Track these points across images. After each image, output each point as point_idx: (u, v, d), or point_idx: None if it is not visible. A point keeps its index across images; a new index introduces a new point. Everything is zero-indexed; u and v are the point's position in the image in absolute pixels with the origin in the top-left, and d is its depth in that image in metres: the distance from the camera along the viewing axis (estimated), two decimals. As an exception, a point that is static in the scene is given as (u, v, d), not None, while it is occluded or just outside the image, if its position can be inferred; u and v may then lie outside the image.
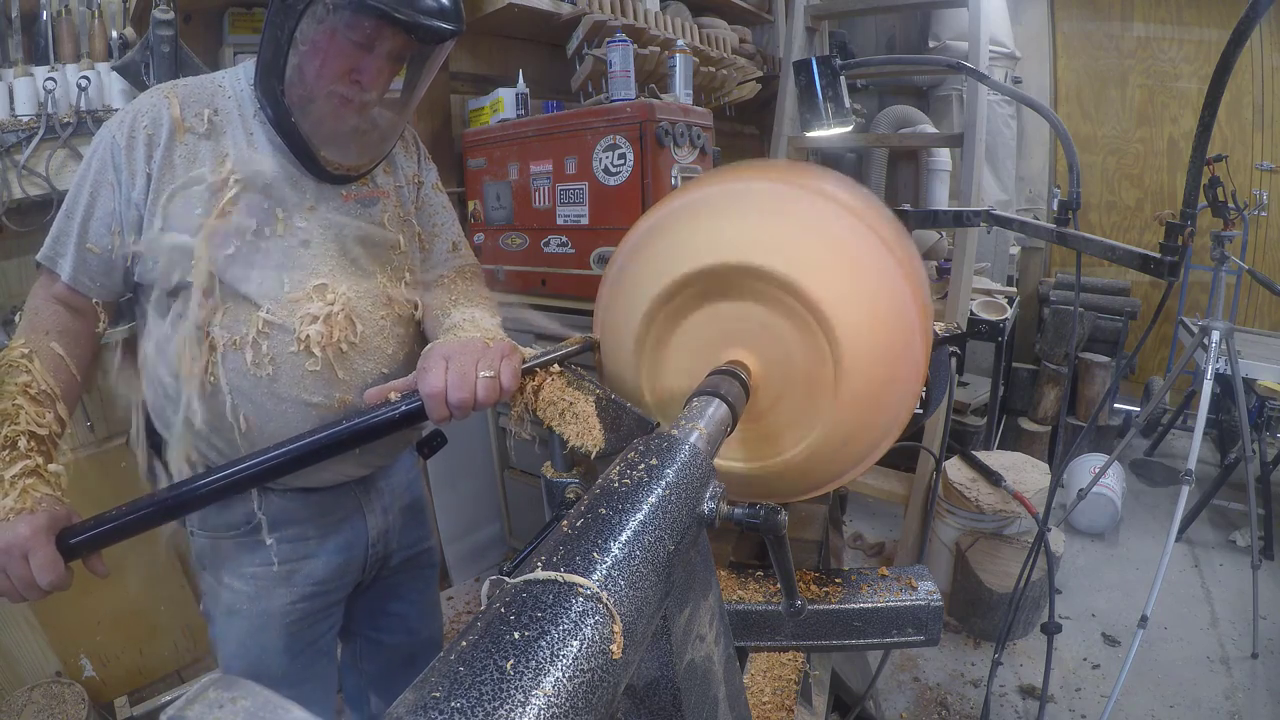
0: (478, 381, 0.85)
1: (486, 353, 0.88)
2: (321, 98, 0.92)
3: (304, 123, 0.93)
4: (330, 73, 0.90)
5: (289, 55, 0.89)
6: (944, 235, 3.28)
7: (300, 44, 0.88)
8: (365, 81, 0.92)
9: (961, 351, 1.16)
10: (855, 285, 0.76)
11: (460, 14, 0.92)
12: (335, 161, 0.98)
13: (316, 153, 0.96)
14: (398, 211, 1.10)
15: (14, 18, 1.59)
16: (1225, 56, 0.75)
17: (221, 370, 0.94)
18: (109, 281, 0.96)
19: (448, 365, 0.86)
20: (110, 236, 0.93)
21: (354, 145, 0.99)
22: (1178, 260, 0.90)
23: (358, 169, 1.02)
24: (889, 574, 0.97)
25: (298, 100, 0.92)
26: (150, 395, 1.02)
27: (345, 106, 0.93)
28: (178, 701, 0.34)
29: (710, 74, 2.74)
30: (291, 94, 0.92)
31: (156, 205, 0.92)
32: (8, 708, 1.61)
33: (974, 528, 2.40)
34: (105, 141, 0.92)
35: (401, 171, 1.12)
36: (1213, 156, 2.39)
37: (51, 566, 0.78)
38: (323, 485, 1.07)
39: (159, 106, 0.93)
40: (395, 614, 1.27)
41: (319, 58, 0.89)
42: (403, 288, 1.08)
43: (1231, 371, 2.24)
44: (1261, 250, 3.85)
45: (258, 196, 0.94)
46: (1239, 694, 2.01)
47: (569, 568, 0.42)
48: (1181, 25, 3.88)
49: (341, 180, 1.01)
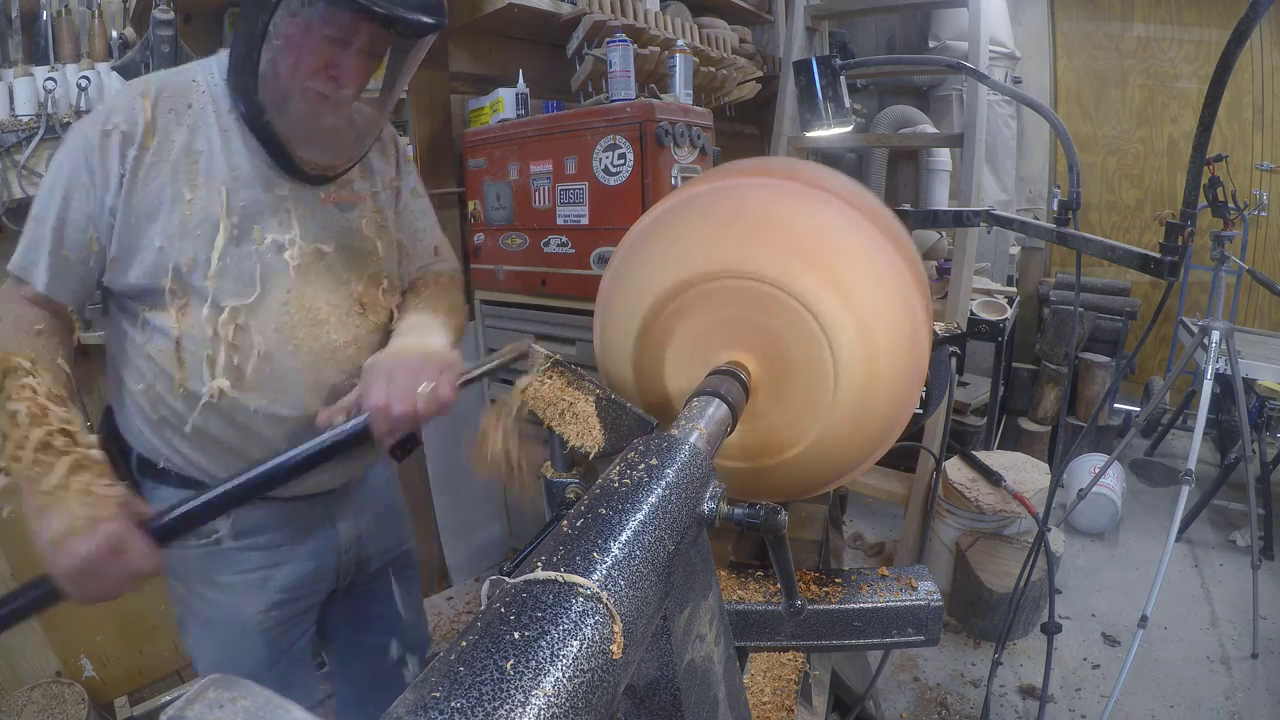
0: (418, 397, 0.87)
1: (426, 366, 0.89)
2: (297, 95, 0.88)
3: (279, 121, 0.90)
4: (306, 69, 0.87)
5: (262, 50, 0.85)
6: (944, 235, 3.28)
7: (274, 39, 0.85)
8: (343, 78, 0.88)
9: (961, 351, 1.17)
10: (856, 285, 0.76)
11: (442, 7, 0.89)
12: (311, 160, 0.95)
13: (292, 152, 0.93)
14: (375, 218, 1.07)
15: (14, 18, 1.60)
16: (1225, 56, 0.75)
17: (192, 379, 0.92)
18: (84, 289, 0.93)
19: (389, 381, 0.87)
20: (86, 241, 0.89)
21: (331, 144, 0.95)
22: (1178, 260, 0.90)
23: (334, 168, 0.99)
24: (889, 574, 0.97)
25: (272, 98, 0.88)
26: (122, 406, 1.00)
27: (322, 104, 0.90)
28: (178, 701, 0.34)
29: (710, 74, 2.74)
30: (266, 91, 0.88)
31: (129, 207, 0.88)
32: (8, 708, 1.61)
33: (974, 528, 2.40)
34: (77, 142, 0.88)
35: (379, 176, 1.09)
36: (1213, 156, 2.39)
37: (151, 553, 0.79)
38: (293, 495, 1.04)
39: (133, 104, 0.89)
40: (379, 615, 1.26)
41: (294, 54, 0.86)
42: (379, 295, 1.06)
43: (1231, 371, 2.24)
44: (1261, 250, 3.85)
45: (233, 199, 0.91)
46: (1239, 694, 2.01)
47: (569, 568, 0.42)
48: (1181, 25, 3.88)
49: (318, 180, 0.99)
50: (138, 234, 0.89)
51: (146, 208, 0.89)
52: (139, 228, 0.89)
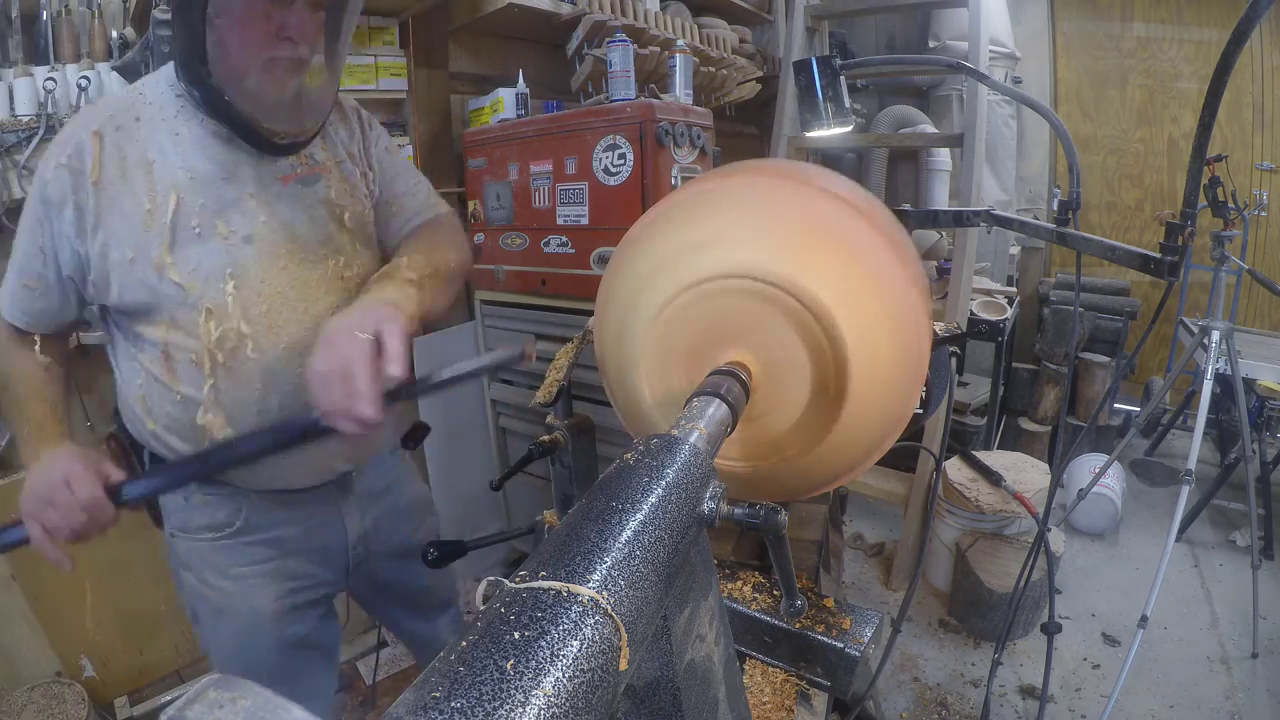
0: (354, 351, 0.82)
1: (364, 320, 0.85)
2: (256, 66, 0.87)
3: (240, 98, 0.89)
4: (257, 37, 0.86)
5: (206, 34, 0.85)
6: (944, 235, 3.27)
7: (215, 19, 0.84)
8: (296, 35, 0.87)
9: (961, 351, 1.16)
10: (858, 286, 0.76)
11: None
12: (281, 130, 0.95)
13: (259, 125, 0.92)
14: (343, 185, 1.06)
15: (14, 18, 1.60)
16: (1225, 56, 0.75)
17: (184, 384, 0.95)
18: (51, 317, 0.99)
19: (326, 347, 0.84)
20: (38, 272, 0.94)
21: (297, 108, 0.94)
22: (1178, 260, 0.90)
23: (305, 132, 0.99)
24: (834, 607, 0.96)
25: (229, 76, 0.88)
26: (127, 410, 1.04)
27: (282, 69, 0.89)
28: (178, 701, 0.34)
29: (710, 74, 2.74)
30: (220, 72, 0.87)
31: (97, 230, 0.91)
32: (8, 708, 1.61)
33: (974, 528, 2.40)
34: (36, 178, 0.93)
35: (341, 145, 1.09)
36: (1213, 156, 2.39)
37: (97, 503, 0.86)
38: (300, 486, 1.07)
39: (78, 132, 0.91)
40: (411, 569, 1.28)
41: (240, 26, 0.85)
42: (358, 263, 1.06)
43: (1231, 371, 2.24)
44: (1261, 250, 3.84)
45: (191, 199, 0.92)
46: (1239, 694, 2.01)
47: (569, 568, 0.42)
48: (1181, 25, 3.87)
49: (287, 149, 0.98)
50: (108, 254, 0.92)
51: (111, 228, 0.91)
52: (108, 248, 0.91)
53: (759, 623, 0.95)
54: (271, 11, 0.85)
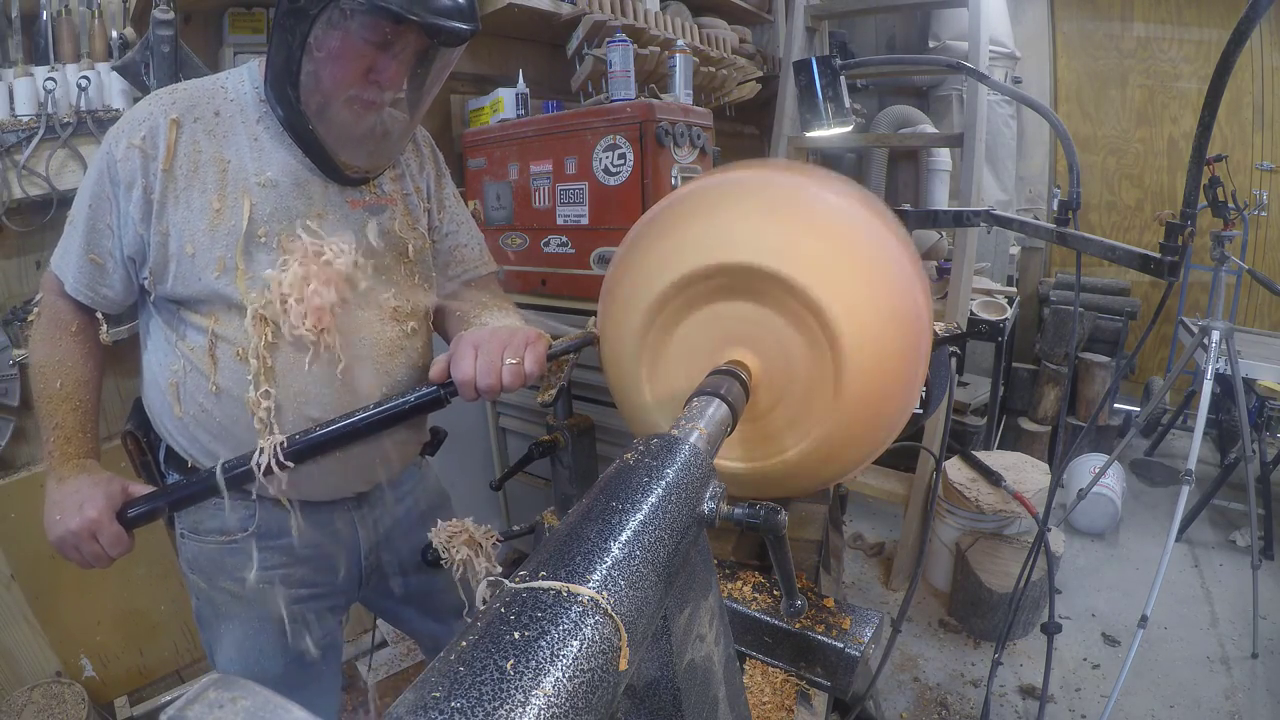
0: (504, 368, 0.91)
1: (513, 340, 0.93)
2: (340, 102, 0.91)
3: (322, 128, 0.93)
4: (349, 77, 0.89)
5: (302, 61, 0.88)
6: (944, 235, 3.27)
7: (315, 50, 0.87)
8: (384, 82, 0.90)
9: (961, 351, 1.16)
10: (857, 286, 0.76)
11: (475, 12, 0.92)
12: (354, 165, 0.98)
13: (335, 157, 0.95)
14: (406, 219, 1.08)
15: (14, 18, 1.59)
16: (1225, 56, 0.75)
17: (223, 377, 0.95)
18: (111, 293, 0.97)
19: (477, 353, 0.91)
20: (109, 249, 0.94)
21: (373, 147, 0.98)
22: (1178, 260, 0.90)
23: (377, 169, 1.02)
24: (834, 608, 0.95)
25: (315, 106, 0.91)
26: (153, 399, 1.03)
27: (366, 109, 0.92)
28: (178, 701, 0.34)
29: (710, 74, 2.74)
30: (308, 99, 0.91)
31: (161, 216, 0.91)
32: (8, 708, 1.61)
33: (974, 528, 2.40)
34: (103, 153, 0.92)
35: (410, 179, 1.11)
36: (1213, 156, 2.40)
37: (119, 540, 0.92)
38: (319, 499, 1.07)
39: (156, 116, 0.91)
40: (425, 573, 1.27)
41: (336, 63, 0.88)
42: (412, 297, 1.07)
43: (1231, 371, 2.24)
44: (1261, 250, 3.85)
45: (262, 207, 0.93)
46: (1239, 694, 2.01)
47: (569, 568, 0.42)
48: (1181, 25, 3.88)
49: (357, 182, 1.01)
50: (167, 244, 0.92)
51: (175, 218, 0.91)
52: (168, 238, 0.92)
53: (759, 623, 0.95)
54: (371, 54, 0.88)
